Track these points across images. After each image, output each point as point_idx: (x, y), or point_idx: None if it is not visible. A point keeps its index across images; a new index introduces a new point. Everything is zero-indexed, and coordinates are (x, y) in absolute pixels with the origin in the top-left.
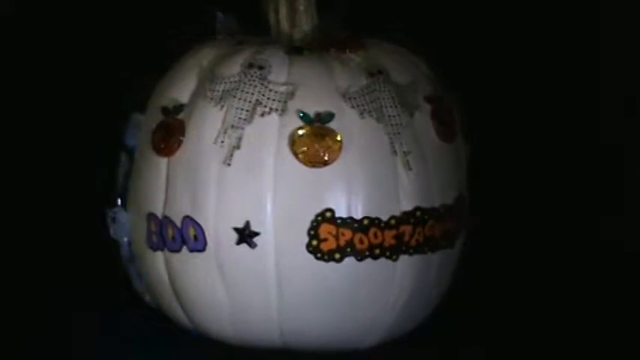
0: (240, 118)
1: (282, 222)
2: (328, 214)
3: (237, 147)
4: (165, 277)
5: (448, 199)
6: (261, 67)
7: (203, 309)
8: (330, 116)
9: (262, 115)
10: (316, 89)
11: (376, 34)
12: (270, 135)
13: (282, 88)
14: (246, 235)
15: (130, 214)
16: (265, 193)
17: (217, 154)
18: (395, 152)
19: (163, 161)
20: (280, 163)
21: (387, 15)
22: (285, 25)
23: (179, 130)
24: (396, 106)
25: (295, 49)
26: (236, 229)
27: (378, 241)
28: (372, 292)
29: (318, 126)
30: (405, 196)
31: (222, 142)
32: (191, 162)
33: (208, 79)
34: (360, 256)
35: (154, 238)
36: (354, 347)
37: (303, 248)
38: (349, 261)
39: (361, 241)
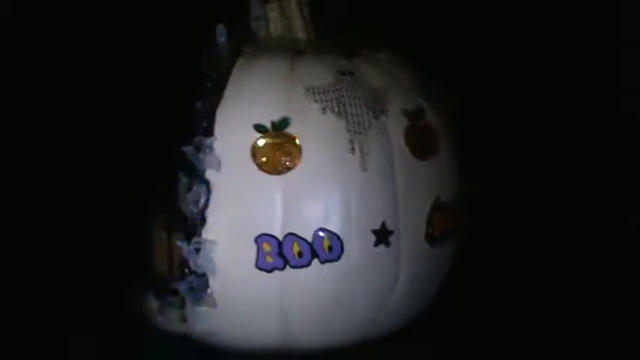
0: (361, 124)
1: (409, 216)
2: (437, 202)
3: (368, 152)
4: (274, 297)
5: None
6: (351, 73)
7: (315, 319)
8: (422, 111)
9: (376, 118)
10: (397, 88)
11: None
12: (387, 135)
13: (379, 91)
14: (383, 236)
15: (220, 241)
16: (396, 191)
17: (348, 161)
18: (452, 138)
19: (274, 179)
20: (401, 161)
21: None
22: (298, 31)
23: (292, 145)
24: None
25: (344, 54)
26: (374, 231)
27: (457, 220)
28: (446, 269)
29: (417, 121)
30: (459, 179)
31: (353, 149)
32: (318, 174)
33: (309, 91)
34: (453, 237)
35: (269, 259)
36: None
37: (422, 238)
38: (448, 243)
39: (453, 222)
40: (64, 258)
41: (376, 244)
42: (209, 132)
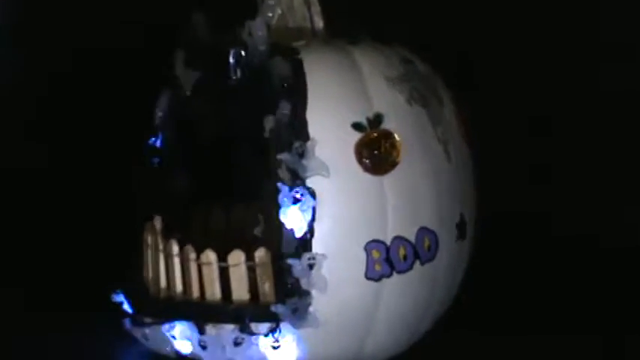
0: (437, 113)
1: (469, 205)
2: (476, 189)
3: (447, 141)
4: (375, 307)
5: None
6: (411, 62)
7: (403, 325)
8: (458, 98)
9: (442, 106)
10: (434, 75)
11: None
12: (449, 123)
13: (429, 79)
14: (462, 229)
15: (328, 253)
16: (469, 181)
17: (437, 153)
18: None
19: (380, 179)
20: (461, 149)
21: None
22: (317, 19)
23: (392, 141)
24: None
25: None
26: (457, 225)
27: None
28: None
29: (461, 108)
30: None
31: (439, 139)
32: (417, 169)
33: (390, 82)
34: None
35: (378, 267)
36: None
37: (474, 225)
38: None
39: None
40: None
41: (457, 239)
42: (305, 136)
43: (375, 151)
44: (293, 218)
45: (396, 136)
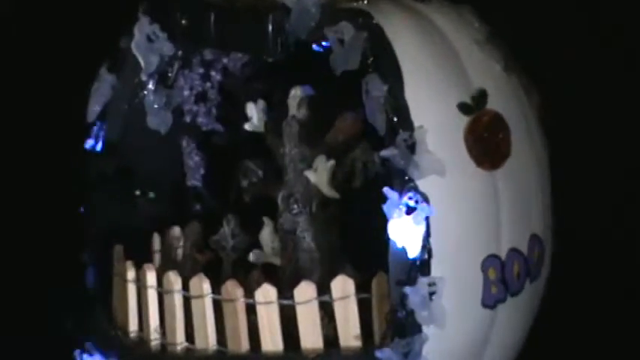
0: (524, 85)
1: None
2: None
3: (533, 121)
4: (484, 339)
5: None
6: (486, 22)
7: (514, 347)
8: None
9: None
10: None
11: None
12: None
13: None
14: (555, 234)
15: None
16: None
17: (536, 138)
18: None
19: (493, 175)
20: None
21: None
22: None
23: (501, 125)
24: None
25: None
26: (552, 230)
27: None
28: None
29: None
30: None
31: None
32: (526, 160)
33: (481, 46)
34: None
35: (494, 290)
36: None
37: None
38: None
39: None
40: None
41: (553, 247)
42: (409, 124)
43: (487, 139)
44: (405, 233)
45: (503, 118)
